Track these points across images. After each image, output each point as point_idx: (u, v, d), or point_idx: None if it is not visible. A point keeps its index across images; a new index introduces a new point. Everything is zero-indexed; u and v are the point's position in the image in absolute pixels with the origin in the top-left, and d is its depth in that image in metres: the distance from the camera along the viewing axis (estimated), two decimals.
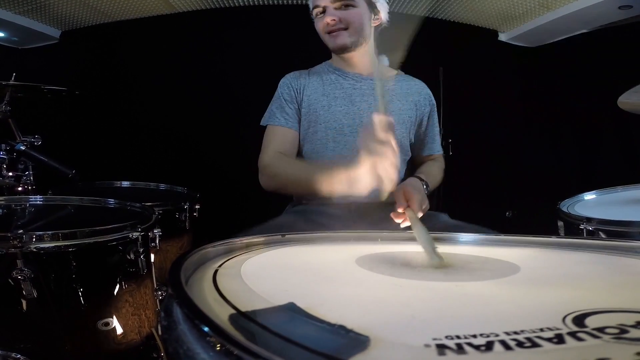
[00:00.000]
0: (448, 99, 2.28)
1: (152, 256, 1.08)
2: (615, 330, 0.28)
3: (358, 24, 1.18)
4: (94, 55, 2.76)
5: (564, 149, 2.90)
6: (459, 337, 0.27)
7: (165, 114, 2.65)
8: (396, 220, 0.94)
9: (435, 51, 2.61)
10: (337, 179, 0.92)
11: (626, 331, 0.28)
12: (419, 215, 0.94)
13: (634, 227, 0.96)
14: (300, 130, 1.26)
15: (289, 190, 1.26)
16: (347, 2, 1.16)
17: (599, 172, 2.66)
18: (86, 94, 1.79)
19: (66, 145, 2.32)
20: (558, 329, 0.28)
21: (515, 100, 2.91)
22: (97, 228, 0.88)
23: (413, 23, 1.11)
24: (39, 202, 1.20)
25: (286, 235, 0.68)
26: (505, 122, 2.84)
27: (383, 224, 1.12)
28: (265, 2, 2.59)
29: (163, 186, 1.90)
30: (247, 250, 0.59)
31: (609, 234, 0.99)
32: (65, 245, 0.83)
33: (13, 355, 0.77)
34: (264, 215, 1.30)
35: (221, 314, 0.32)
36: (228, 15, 2.63)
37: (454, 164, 2.41)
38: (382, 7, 1.23)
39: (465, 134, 2.54)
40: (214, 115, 2.58)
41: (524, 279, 0.46)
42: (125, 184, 1.91)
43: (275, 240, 0.66)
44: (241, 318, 0.31)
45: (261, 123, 1.27)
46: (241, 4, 2.59)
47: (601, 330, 0.28)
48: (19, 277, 0.77)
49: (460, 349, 0.25)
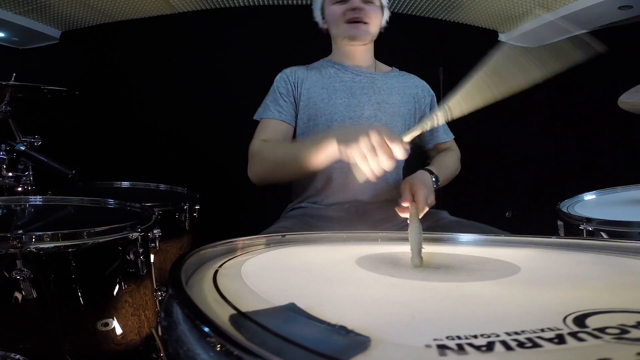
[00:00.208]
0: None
1: (152, 256, 1.07)
2: (616, 331, 0.28)
3: (377, 21, 1.23)
4: (94, 55, 2.75)
5: (564, 149, 2.90)
6: (459, 338, 0.27)
7: (165, 114, 2.65)
8: (401, 215, 0.93)
9: (435, 51, 2.61)
10: (326, 148, 0.90)
11: (627, 331, 0.28)
12: (425, 210, 0.93)
13: (634, 228, 0.96)
14: (298, 124, 1.25)
15: (279, 176, 1.14)
16: None
17: (599, 172, 2.66)
18: (86, 94, 1.79)
19: (66, 146, 2.32)
20: (559, 329, 0.28)
21: (515, 100, 2.91)
22: (97, 228, 0.88)
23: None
24: (38, 203, 1.19)
25: (286, 236, 0.68)
26: (505, 122, 2.83)
27: (382, 225, 1.12)
28: (265, 2, 2.59)
29: (163, 186, 1.90)
30: (247, 250, 0.59)
31: (609, 234, 0.99)
32: (64, 245, 0.83)
33: (12, 355, 0.76)
34: (263, 216, 1.30)
35: (221, 314, 0.32)
36: (228, 16, 2.63)
37: None
38: (387, 11, 1.29)
39: (465, 134, 2.54)
40: (214, 115, 2.58)
41: (524, 279, 0.46)
42: (125, 184, 1.91)
43: (275, 240, 0.66)
44: (241, 318, 0.31)
45: (254, 117, 1.25)
46: (241, 4, 2.59)
47: (602, 330, 0.28)
48: (19, 278, 0.77)
49: (461, 349, 0.25)
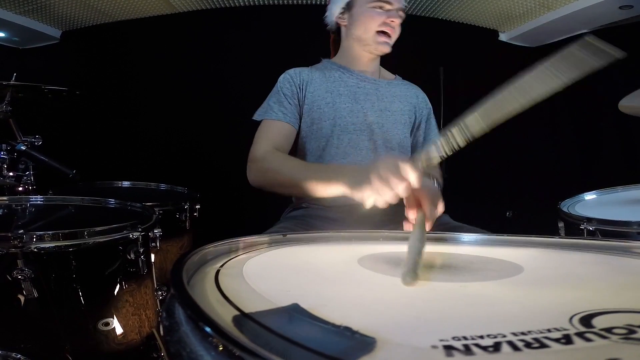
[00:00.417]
0: (448, 99, 2.28)
1: (153, 256, 1.08)
2: (623, 331, 0.27)
3: (397, 36, 1.23)
4: (94, 55, 2.75)
5: (564, 149, 2.90)
6: (465, 338, 0.27)
7: (165, 114, 2.65)
8: (409, 229, 0.85)
9: (435, 51, 2.61)
10: (335, 186, 0.89)
11: (634, 331, 0.27)
12: (435, 216, 0.82)
13: (634, 228, 0.96)
14: (301, 127, 1.23)
15: (276, 189, 1.10)
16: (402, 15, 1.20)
17: (599, 172, 2.66)
18: (86, 94, 1.79)
19: (66, 145, 2.31)
20: (565, 330, 0.28)
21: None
22: (98, 228, 0.87)
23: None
24: (39, 202, 1.19)
25: (287, 235, 0.67)
26: (505, 122, 2.83)
27: (383, 227, 1.12)
28: (265, 2, 2.58)
29: (163, 186, 1.90)
30: (249, 250, 0.59)
31: (610, 234, 0.99)
32: (65, 245, 0.83)
33: (13, 355, 0.76)
34: (264, 215, 1.30)
35: (224, 315, 0.32)
36: (228, 16, 2.63)
37: (454, 164, 2.41)
38: None
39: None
40: (214, 115, 2.58)
41: (527, 280, 0.46)
42: (126, 184, 1.91)
43: (277, 240, 0.66)
44: (245, 319, 0.31)
45: (255, 117, 1.21)
46: (241, 4, 2.58)
47: (609, 330, 0.28)
48: (20, 277, 0.77)
49: (467, 350, 0.25)
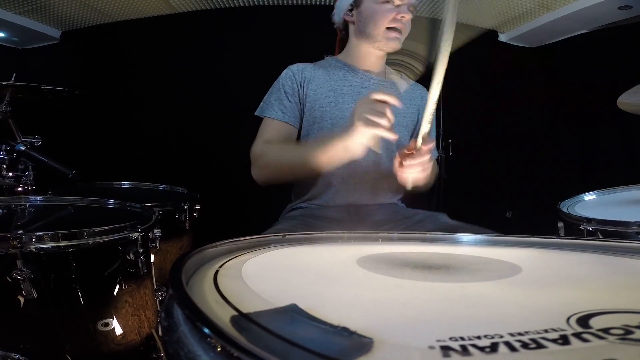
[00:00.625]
0: (448, 99, 2.28)
1: (152, 257, 1.07)
2: (621, 331, 0.27)
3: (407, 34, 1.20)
4: (94, 56, 2.75)
5: (564, 149, 2.90)
6: (463, 339, 0.27)
7: (165, 114, 2.65)
8: (401, 174, 0.96)
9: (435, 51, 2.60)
10: (332, 150, 0.93)
11: (631, 332, 0.27)
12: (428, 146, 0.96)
13: (634, 228, 0.96)
14: (302, 125, 1.21)
15: (283, 178, 1.15)
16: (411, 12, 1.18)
17: (599, 172, 2.66)
18: (86, 94, 1.79)
19: (66, 146, 2.31)
20: (563, 330, 0.28)
21: (516, 100, 2.91)
22: (97, 229, 0.87)
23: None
24: (38, 203, 1.19)
25: (286, 236, 0.67)
26: (505, 122, 2.84)
27: (382, 227, 1.12)
28: (265, 2, 2.58)
29: (163, 186, 1.90)
30: (248, 250, 0.59)
31: (609, 234, 0.99)
32: (65, 245, 0.83)
33: (13, 355, 0.76)
34: (264, 215, 1.30)
35: (223, 315, 0.32)
36: (228, 16, 2.63)
37: (454, 164, 2.41)
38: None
39: (465, 134, 2.54)
40: (214, 115, 2.58)
41: (526, 280, 0.46)
42: (125, 184, 1.91)
43: (276, 240, 0.66)
44: (243, 320, 0.31)
45: (256, 113, 1.22)
46: (241, 4, 2.58)
47: (606, 331, 0.28)
48: (19, 278, 0.77)
49: (464, 350, 0.25)
